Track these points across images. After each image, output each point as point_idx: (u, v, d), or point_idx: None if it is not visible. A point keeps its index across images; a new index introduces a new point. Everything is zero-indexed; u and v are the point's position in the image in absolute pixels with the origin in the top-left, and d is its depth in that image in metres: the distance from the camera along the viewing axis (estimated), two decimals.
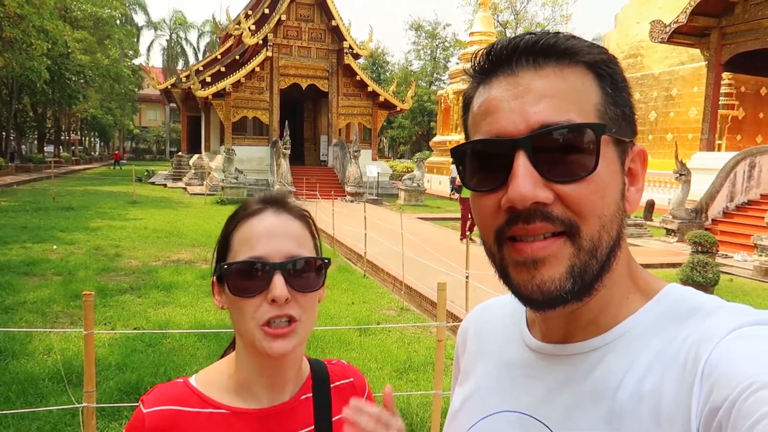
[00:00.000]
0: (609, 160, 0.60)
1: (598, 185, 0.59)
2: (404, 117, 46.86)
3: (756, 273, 9.62)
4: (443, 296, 3.44)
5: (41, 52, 21.48)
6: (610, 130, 0.60)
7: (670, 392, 0.55)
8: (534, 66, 0.61)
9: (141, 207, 17.26)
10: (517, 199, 0.58)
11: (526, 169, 0.58)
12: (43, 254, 9.44)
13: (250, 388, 0.94)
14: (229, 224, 0.96)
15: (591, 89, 0.61)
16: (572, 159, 0.58)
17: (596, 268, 0.60)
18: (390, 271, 8.48)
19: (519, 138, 0.59)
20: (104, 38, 34.58)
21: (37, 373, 4.63)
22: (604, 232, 0.60)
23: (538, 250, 0.59)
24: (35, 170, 31.30)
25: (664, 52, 21.64)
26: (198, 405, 0.92)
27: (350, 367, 1.12)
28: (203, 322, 6.14)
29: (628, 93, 0.64)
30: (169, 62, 59.35)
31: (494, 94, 0.62)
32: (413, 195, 21.62)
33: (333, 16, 25.47)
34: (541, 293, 0.60)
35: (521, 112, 0.59)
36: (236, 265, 0.90)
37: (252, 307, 0.88)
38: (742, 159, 13.62)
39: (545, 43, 0.61)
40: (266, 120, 25.64)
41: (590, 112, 0.60)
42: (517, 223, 0.60)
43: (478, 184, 0.63)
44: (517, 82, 0.61)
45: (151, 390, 0.95)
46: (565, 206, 0.59)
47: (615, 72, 0.62)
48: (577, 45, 0.61)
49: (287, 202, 0.97)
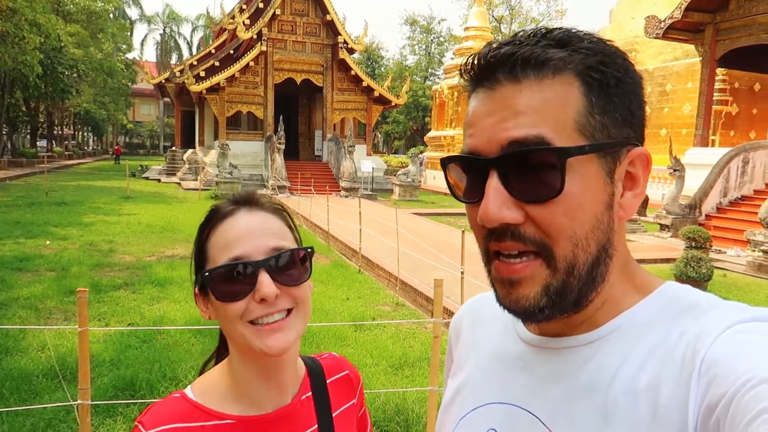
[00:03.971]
0: (587, 177, 0.59)
1: (567, 206, 0.58)
2: (399, 112, 46.78)
3: (749, 268, 9.68)
4: (440, 292, 3.44)
5: (34, 45, 21.31)
6: (580, 151, 0.58)
7: (666, 388, 0.55)
8: (512, 80, 0.59)
9: (135, 202, 17.20)
10: (485, 218, 0.59)
11: (496, 190, 0.59)
12: (37, 250, 9.40)
13: (250, 395, 0.91)
14: (202, 232, 0.90)
15: (570, 100, 0.58)
16: (539, 180, 0.58)
17: (576, 285, 0.61)
18: (385, 266, 8.49)
19: (490, 158, 0.59)
20: (97, 32, 34.33)
21: (31, 370, 4.61)
22: (579, 251, 0.59)
23: (513, 272, 0.61)
24: (28, 165, 31.06)
25: (658, 48, 21.69)
26: (201, 419, 0.87)
27: (342, 359, 1.10)
28: (198, 318, 6.12)
29: (627, 94, 0.61)
30: (163, 56, 59.01)
31: (475, 109, 0.63)
32: (408, 190, 21.62)
33: (328, 11, 25.37)
34: (517, 308, 0.62)
35: (494, 130, 0.59)
36: (217, 270, 0.85)
37: (241, 311, 0.84)
38: (736, 155, 13.69)
39: (522, 54, 0.59)
40: (261, 115, 25.55)
41: (567, 125, 0.58)
42: (491, 239, 0.62)
43: (465, 196, 0.65)
44: (494, 97, 0.60)
45: (148, 410, 0.89)
46: (536, 227, 0.59)
47: (605, 76, 0.59)
48: (557, 54, 0.59)
49: (258, 199, 0.93)
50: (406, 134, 51.48)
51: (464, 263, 5.93)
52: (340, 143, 24.52)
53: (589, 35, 0.61)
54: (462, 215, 16.60)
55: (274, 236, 0.88)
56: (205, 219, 0.91)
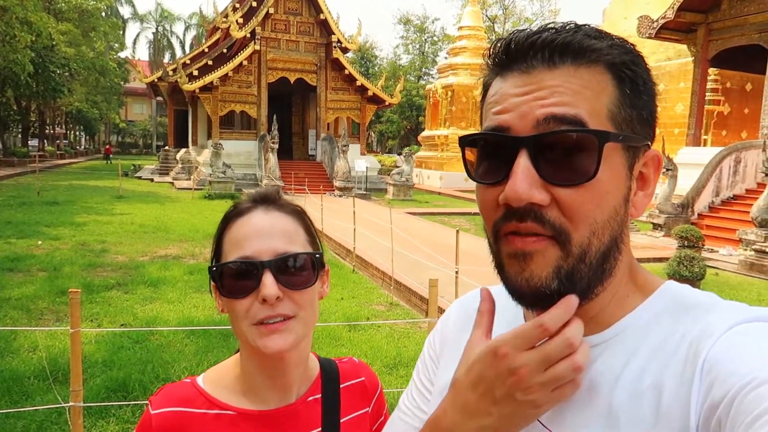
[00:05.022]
0: (614, 167, 0.60)
1: (595, 193, 0.58)
2: (393, 111, 46.77)
3: (741, 267, 9.73)
4: (434, 292, 3.44)
5: (25, 44, 21.17)
6: (616, 138, 0.59)
7: (669, 388, 0.55)
8: (549, 64, 0.60)
9: (127, 202, 17.11)
10: (513, 197, 0.58)
11: (526, 169, 0.58)
12: (28, 250, 9.33)
13: (255, 391, 0.94)
14: (220, 226, 0.94)
15: (606, 89, 0.59)
16: (573, 163, 0.58)
17: (587, 272, 0.60)
18: (379, 266, 8.48)
19: (524, 137, 0.59)
20: (89, 30, 34.15)
21: (22, 371, 4.57)
22: (594, 238, 0.59)
23: (526, 245, 0.60)
24: (19, 164, 30.81)
25: (651, 48, 21.78)
26: (205, 406, 0.92)
27: (362, 365, 1.10)
28: (191, 319, 6.10)
29: (649, 96, 0.62)
30: (156, 55, 58.75)
31: (506, 89, 0.62)
32: (402, 190, 21.62)
33: (321, 10, 25.31)
34: (528, 287, 0.60)
35: (529, 109, 0.59)
36: (225, 266, 0.89)
37: (245, 308, 0.87)
38: (728, 154, 13.77)
39: (562, 41, 0.59)
40: (254, 114, 25.47)
41: (601, 113, 0.59)
42: (512, 220, 0.60)
43: (482, 177, 0.63)
44: (530, 79, 0.60)
45: (160, 390, 0.95)
46: (560, 210, 0.59)
47: (636, 74, 0.61)
48: (596, 44, 0.60)
49: (278, 199, 0.95)
50: (400, 134, 51.49)
51: (459, 263, 5.93)
52: (333, 142, 24.48)
53: (617, 36, 0.63)
54: (456, 215, 16.63)
55: (284, 239, 0.90)
56: (225, 214, 0.95)
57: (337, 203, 16.71)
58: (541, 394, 0.57)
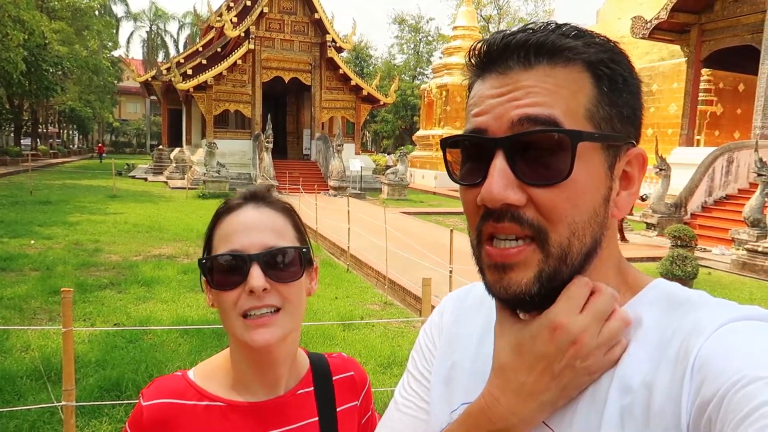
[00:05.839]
0: (591, 166, 0.60)
1: (571, 192, 0.58)
2: (387, 111, 46.75)
3: (733, 266, 9.79)
4: (428, 291, 3.44)
5: (17, 42, 21.04)
6: (591, 137, 0.58)
7: (661, 386, 0.56)
8: (525, 65, 0.60)
9: (121, 201, 17.03)
10: (488, 198, 0.59)
11: (501, 170, 0.59)
12: (21, 249, 9.27)
13: (244, 383, 0.96)
14: (211, 222, 0.97)
15: (584, 88, 0.59)
16: (548, 163, 0.58)
17: (567, 274, 0.61)
18: (373, 265, 8.48)
19: (499, 138, 0.59)
20: (82, 29, 33.98)
21: (15, 371, 4.54)
22: (574, 239, 0.60)
23: (506, 258, 0.60)
24: (12, 163, 30.65)
25: (644, 48, 21.88)
26: (195, 398, 0.94)
27: (351, 360, 1.12)
28: (185, 318, 6.09)
29: (631, 94, 0.62)
30: (150, 54, 58.52)
31: (484, 91, 0.62)
32: (396, 189, 21.63)
33: (316, 9, 25.27)
34: (507, 294, 0.61)
35: (504, 111, 0.59)
36: (214, 259, 0.91)
37: (233, 300, 0.89)
38: (721, 154, 13.85)
39: (536, 41, 0.59)
40: (248, 113, 25.41)
41: (578, 112, 0.59)
42: (489, 221, 0.61)
43: (463, 178, 0.64)
44: (506, 80, 0.60)
45: (152, 383, 0.98)
46: (537, 210, 0.59)
47: (615, 72, 0.61)
48: (571, 43, 0.59)
49: (268, 196, 0.97)
50: (394, 133, 51.48)
51: (453, 262, 5.93)
52: (328, 142, 24.45)
53: (598, 34, 0.62)
54: (451, 215, 16.64)
55: (273, 234, 0.92)
56: (216, 210, 0.98)
57: (331, 203, 16.69)
58: (595, 359, 0.59)
